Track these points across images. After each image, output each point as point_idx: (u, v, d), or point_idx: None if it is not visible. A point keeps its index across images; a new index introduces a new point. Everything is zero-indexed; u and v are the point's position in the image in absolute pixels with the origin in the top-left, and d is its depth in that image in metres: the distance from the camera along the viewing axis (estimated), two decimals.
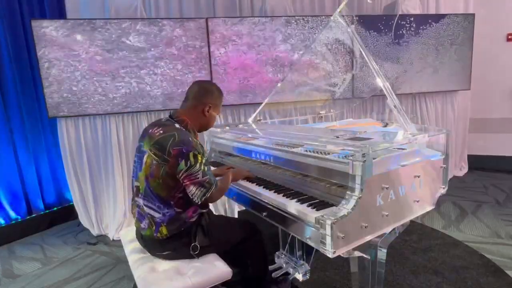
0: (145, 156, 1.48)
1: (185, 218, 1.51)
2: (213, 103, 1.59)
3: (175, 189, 1.46)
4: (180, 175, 1.41)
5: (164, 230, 1.48)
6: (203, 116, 1.59)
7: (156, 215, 1.48)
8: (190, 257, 1.53)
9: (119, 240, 2.81)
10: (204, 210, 1.60)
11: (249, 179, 1.77)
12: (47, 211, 3.38)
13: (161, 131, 1.47)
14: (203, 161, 1.44)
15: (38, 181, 3.31)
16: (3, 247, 2.97)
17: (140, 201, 1.52)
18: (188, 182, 1.42)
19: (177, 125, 1.51)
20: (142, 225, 1.53)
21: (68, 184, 3.10)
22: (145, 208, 1.51)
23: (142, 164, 1.49)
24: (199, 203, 1.47)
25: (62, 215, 3.44)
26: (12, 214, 3.15)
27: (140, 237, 1.61)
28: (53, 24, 2.72)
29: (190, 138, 1.44)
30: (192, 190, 1.43)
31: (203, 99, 1.57)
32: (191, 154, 1.39)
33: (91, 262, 2.62)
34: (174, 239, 1.51)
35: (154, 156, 1.44)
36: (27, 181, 3.24)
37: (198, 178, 1.42)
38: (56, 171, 3.43)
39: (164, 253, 1.54)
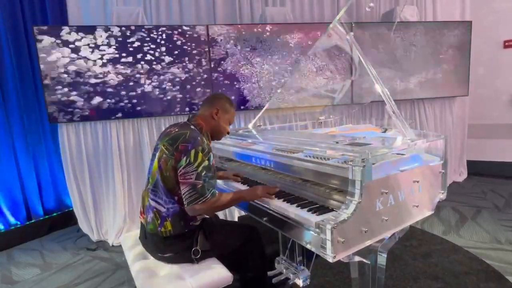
0: (159, 151, 1.54)
1: (189, 219, 1.53)
2: (221, 107, 1.69)
3: (179, 185, 1.48)
4: (179, 171, 1.44)
5: (168, 225, 1.51)
6: (213, 119, 1.68)
7: (162, 209, 1.52)
8: (191, 261, 1.54)
9: (119, 246, 2.81)
10: (207, 216, 1.61)
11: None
12: (46, 216, 3.37)
13: (177, 130, 1.56)
14: (204, 163, 1.44)
15: (38, 186, 3.31)
16: (2, 253, 2.96)
17: (150, 194, 1.57)
18: (182, 180, 1.44)
19: (192, 127, 1.60)
20: (148, 219, 1.56)
21: (68, 190, 3.10)
22: (151, 202, 1.55)
23: (155, 158, 1.56)
24: (186, 206, 1.44)
25: (61, 220, 3.43)
26: (12, 219, 3.14)
27: (144, 235, 1.62)
28: (55, 30, 2.75)
29: (199, 138, 1.49)
30: (184, 190, 1.44)
31: (213, 103, 1.70)
32: (193, 151, 1.43)
33: (91, 268, 2.61)
34: (177, 239, 1.52)
35: (165, 150, 1.50)
36: (27, 186, 3.24)
37: (191, 178, 1.42)
38: (56, 176, 3.44)
39: (165, 255, 1.55)
